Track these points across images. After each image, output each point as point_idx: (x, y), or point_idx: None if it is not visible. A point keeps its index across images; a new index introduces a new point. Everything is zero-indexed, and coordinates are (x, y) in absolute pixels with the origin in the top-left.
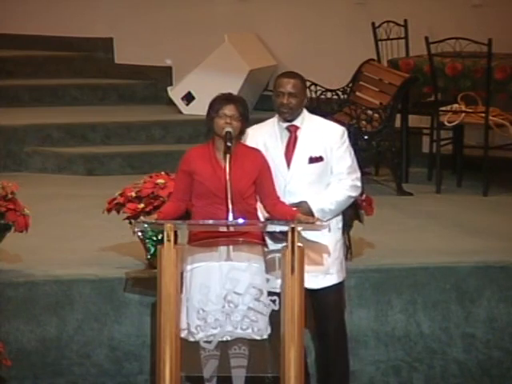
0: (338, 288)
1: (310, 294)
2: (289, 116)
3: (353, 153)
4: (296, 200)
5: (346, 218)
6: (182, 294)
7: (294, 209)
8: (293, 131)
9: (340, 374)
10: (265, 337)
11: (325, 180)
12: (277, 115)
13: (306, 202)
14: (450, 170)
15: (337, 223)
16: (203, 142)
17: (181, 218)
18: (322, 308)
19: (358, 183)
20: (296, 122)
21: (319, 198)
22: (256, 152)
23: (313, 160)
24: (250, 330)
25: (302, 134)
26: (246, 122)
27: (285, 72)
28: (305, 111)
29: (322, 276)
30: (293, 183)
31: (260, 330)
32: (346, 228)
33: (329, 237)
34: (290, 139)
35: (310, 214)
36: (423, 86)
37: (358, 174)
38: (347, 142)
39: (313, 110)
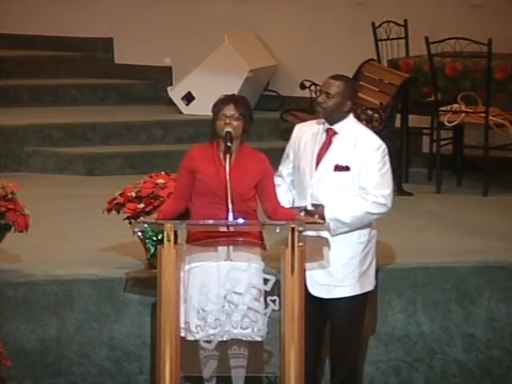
0: (350, 300)
1: (321, 301)
2: (322, 115)
3: (386, 170)
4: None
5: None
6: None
7: (295, 212)
8: (329, 135)
9: (344, 376)
10: (263, 335)
11: (350, 191)
12: None
13: (322, 207)
14: (450, 170)
15: (358, 237)
16: (203, 141)
17: (180, 216)
18: (331, 317)
19: (383, 200)
20: (335, 127)
21: (337, 207)
22: (261, 156)
23: (338, 168)
24: (249, 330)
25: (337, 139)
26: (249, 121)
27: (335, 74)
28: (350, 118)
29: (332, 287)
30: (315, 188)
31: (260, 330)
32: None
33: (343, 249)
34: (324, 143)
35: (323, 219)
36: (423, 86)
37: (386, 192)
38: (380, 157)
39: (312, 111)
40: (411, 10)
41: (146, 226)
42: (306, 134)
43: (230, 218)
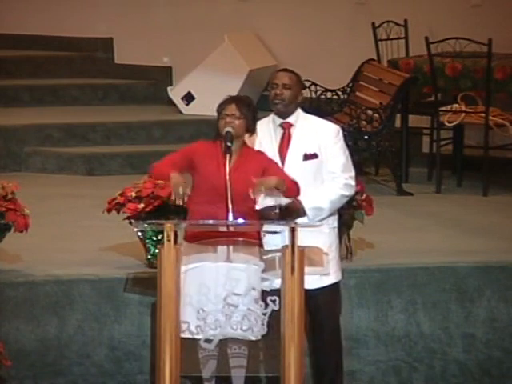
0: (334, 288)
1: (307, 293)
2: (281, 107)
3: (347, 152)
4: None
5: (344, 217)
6: None
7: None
8: (286, 128)
9: (333, 373)
10: (259, 337)
11: (319, 178)
12: (272, 114)
13: (298, 201)
14: (450, 170)
15: (333, 222)
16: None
17: (178, 210)
18: (318, 308)
19: (352, 182)
20: (290, 120)
21: (312, 196)
22: (260, 154)
23: (307, 157)
24: (250, 332)
25: (295, 131)
26: (252, 120)
27: (282, 68)
28: (299, 110)
29: (317, 276)
30: None
31: (258, 331)
32: (345, 228)
33: (325, 237)
34: (283, 136)
35: (303, 212)
36: (423, 86)
37: (352, 173)
38: (341, 141)
39: (312, 110)
40: (411, 10)
41: (146, 225)
42: (258, 134)
43: (230, 217)
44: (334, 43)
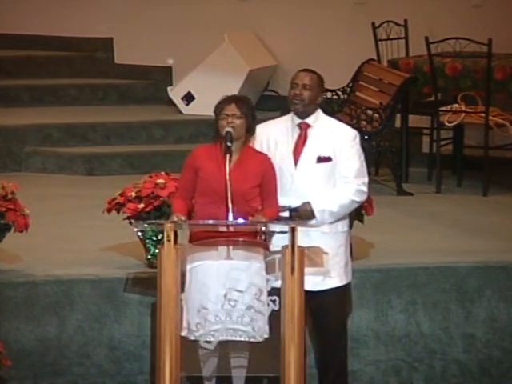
0: (338, 291)
1: (309, 295)
2: (300, 108)
3: (363, 158)
4: (302, 199)
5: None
6: (182, 293)
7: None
8: (303, 128)
9: (335, 376)
10: (265, 336)
11: (332, 181)
12: (292, 113)
13: (308, 203)
14: (450, 170)
15: (342, 227)
16: (203, 141)
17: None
18: (321, 310)
19: (365, 188)
20: (308, 120)
21: (322, 198)
22: (263, 156)
23: (321, 160)
24: (250, 327)
25: (312, 132)
26: (252, 120)
27: (304, 68)
28: (319, 111)
29: (320, 278)
30: (298, 182)
31: (260, 328)
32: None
33: (330, 240)
34: (299, 137)
35: (311, 214)
36: (423, 86)
37: (366, 180)
38: (357, 146)
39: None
40: (411, 10)
41: (146, 225)
42: (274, 132)
43: (230, 217)
44: (334, 43)
